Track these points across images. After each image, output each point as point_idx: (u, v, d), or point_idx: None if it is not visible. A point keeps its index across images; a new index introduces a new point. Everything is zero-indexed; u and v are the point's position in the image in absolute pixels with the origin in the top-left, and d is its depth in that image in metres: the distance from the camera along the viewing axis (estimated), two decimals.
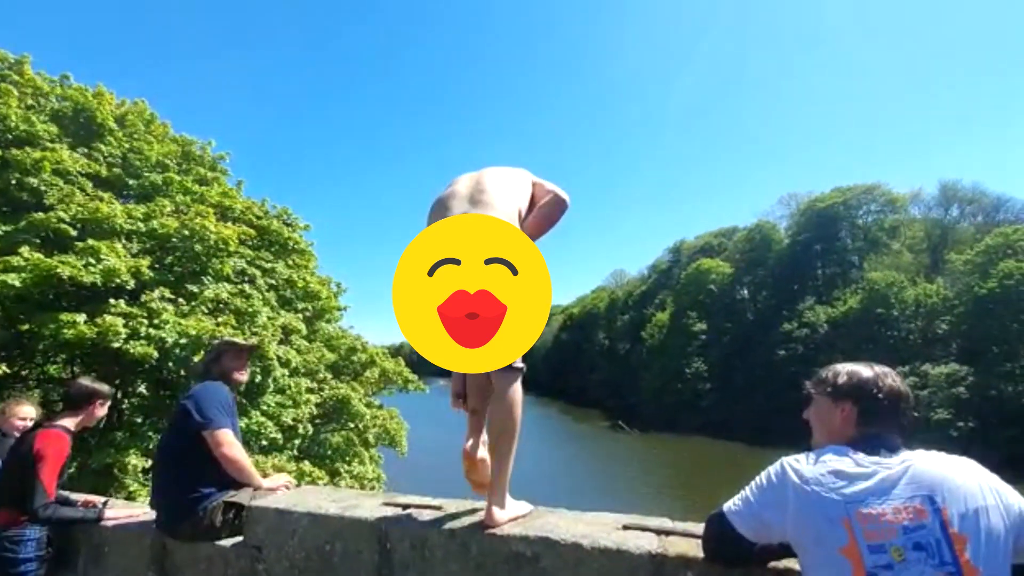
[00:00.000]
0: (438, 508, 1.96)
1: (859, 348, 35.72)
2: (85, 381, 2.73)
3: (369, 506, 2.00)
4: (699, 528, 1.71)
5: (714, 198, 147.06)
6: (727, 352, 44.71)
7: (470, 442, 1.98)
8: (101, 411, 2.74)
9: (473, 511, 1.89)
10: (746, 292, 49.32)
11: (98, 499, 2.80)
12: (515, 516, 1.80)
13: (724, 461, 31.56)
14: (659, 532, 1.64)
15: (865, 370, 1.28)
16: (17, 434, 2.83)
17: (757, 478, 1.25)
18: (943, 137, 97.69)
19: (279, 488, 2.37)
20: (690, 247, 58.58)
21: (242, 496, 2.23)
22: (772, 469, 1.23)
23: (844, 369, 1.32)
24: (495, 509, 1.76)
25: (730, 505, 1.26)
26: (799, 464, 1.18)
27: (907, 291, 36.47)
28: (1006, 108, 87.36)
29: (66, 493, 2.77)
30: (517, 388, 1.79)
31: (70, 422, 2.62)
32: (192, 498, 2.19)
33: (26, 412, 2.99)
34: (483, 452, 1.98)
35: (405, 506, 1.97)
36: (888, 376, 1.26)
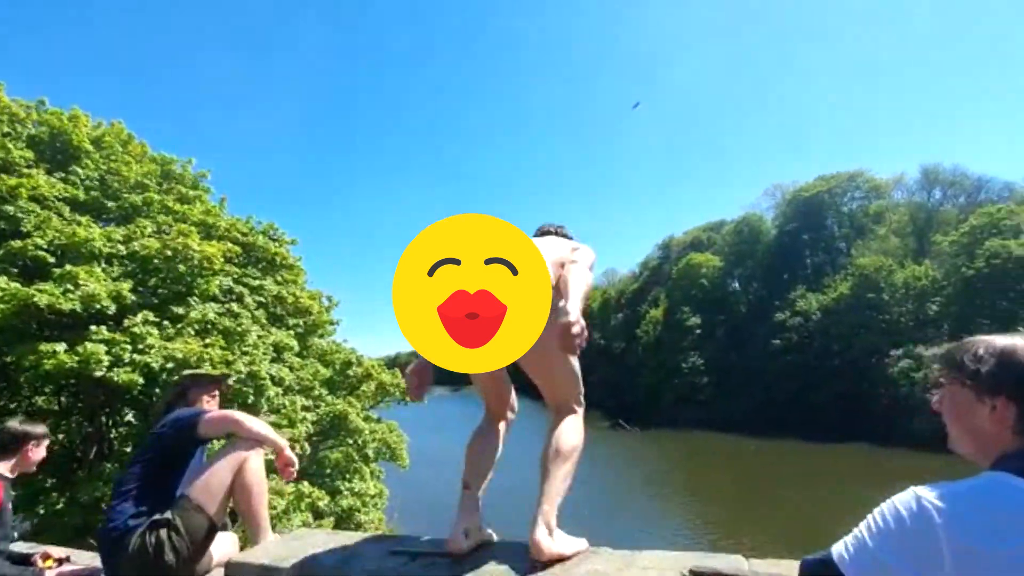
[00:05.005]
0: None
1: (853, 333, 36.05)
2: (14, 423, 2.52)
3: (372, 555, 1.74)
4: (781, 568, 1.39)
5: (700, 192, 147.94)
6: (722, 345, 44.83)
7: (463, 526, 1.74)
8: (37, 453, 2.53)
9: (495, 559, 1.64)
10: (737, 284, 49.56)
11: (60, 552, 2.54)
12: (566, 553, 1.59)
13: (727, 455, 31.58)
14: None
15: (1022, 348, 0.92)
16: None
17: (879, 516, 0.88)
18: (921, 121, 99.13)
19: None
20: (679, 242, 58.73)
21: (184, 516, 1.96)
22: (902, 505, 0.85)
23: (991, 349, 0.94)
24: (541, 534, 1.56)
25: (842, 551, 0.89)
26: (947, 505, 0.81)
27: (896, 274, 36.80)
28: (981, 89, 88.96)
29: (22, 545, 2.55)
30: (580, 420, 1.88)
31: (3, 467, 2.44)
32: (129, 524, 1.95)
33: None
34: (483, 533, 1.80)
35: (415, 554, 1.71)
36: None
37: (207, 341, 7.62)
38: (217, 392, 2.50)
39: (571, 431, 1.84)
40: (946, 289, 34.20)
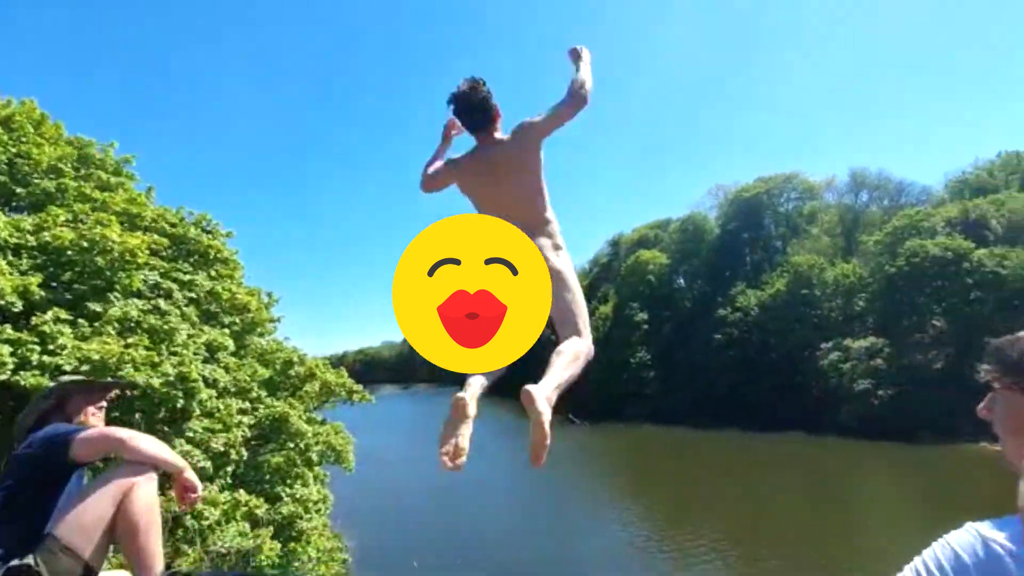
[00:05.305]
0: None
1: (788, 328, 38.00)
2: None
3: None
4: None
5: (649, 190, 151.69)
6: (668, 340, 46.18)
7: (457, 437, 1.61)
8: None
9: None
10: (683, 281, 51.18)
11: None
12: (547, 420, 1.53)
13: (672, 448, 32.59)
14: None
15: None
16: None
17: (932, 561, 0.71)
18: (851, 126, 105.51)
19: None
20: (628, 240, 59.94)
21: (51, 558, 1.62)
22: (963, 548, 0.69)
23: None
24: (538, 388, 1.54)
25: None
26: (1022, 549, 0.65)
27: (827, 272, 39.10)
28: (903, 98, 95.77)
29: None
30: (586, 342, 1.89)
31: None
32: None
33: None
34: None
35: None
36: None
37: (129, 341, 7.00)
38: (105, 403, 2.10)
39: (578, 343, 1.85)
40: (871, 286, 36.57)
